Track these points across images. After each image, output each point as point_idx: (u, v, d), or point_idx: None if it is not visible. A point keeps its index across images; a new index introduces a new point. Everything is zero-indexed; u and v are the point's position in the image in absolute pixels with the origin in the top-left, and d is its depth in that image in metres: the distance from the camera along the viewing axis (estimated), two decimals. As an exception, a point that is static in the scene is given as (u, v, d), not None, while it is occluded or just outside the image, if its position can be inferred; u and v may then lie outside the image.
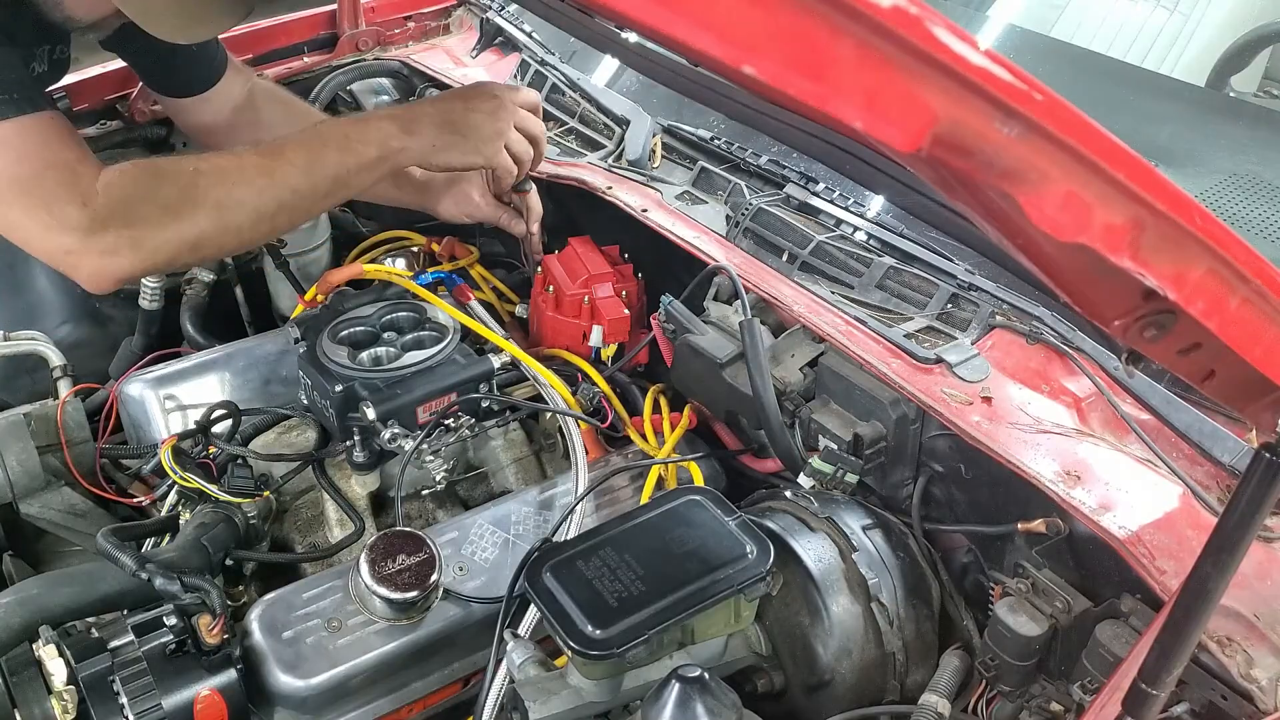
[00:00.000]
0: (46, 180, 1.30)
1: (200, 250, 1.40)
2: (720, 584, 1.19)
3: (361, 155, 1.46)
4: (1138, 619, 1.11)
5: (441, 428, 1.56)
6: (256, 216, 1.40)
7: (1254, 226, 1.73)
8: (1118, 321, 0.71)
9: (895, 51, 0.52)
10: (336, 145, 1.46)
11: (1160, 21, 2.66)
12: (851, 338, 1.41)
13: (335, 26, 2.33)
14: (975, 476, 1.34)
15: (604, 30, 1.98)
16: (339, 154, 1.45)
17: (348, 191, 1.51)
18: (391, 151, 1.49)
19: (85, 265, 1.33)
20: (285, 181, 1.41)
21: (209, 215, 1.37)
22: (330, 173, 1.45)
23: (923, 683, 1.27)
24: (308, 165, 1.43)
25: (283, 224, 1.46)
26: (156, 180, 1.37)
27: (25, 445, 1.55)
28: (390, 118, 1.52)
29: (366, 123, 1.51)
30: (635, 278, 1.81)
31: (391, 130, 1.49)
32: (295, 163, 1.42)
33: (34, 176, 1.30)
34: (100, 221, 1.31)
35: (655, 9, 0.53)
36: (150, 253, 1.35)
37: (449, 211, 1.82)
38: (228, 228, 1.39)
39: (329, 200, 1.50)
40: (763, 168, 1.79)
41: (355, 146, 1.46)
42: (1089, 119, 0.57)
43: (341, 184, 1.47)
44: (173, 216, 1.35)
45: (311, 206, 1.49)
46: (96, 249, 1.32)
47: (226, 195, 1.38)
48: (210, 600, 1.23)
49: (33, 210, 1.30)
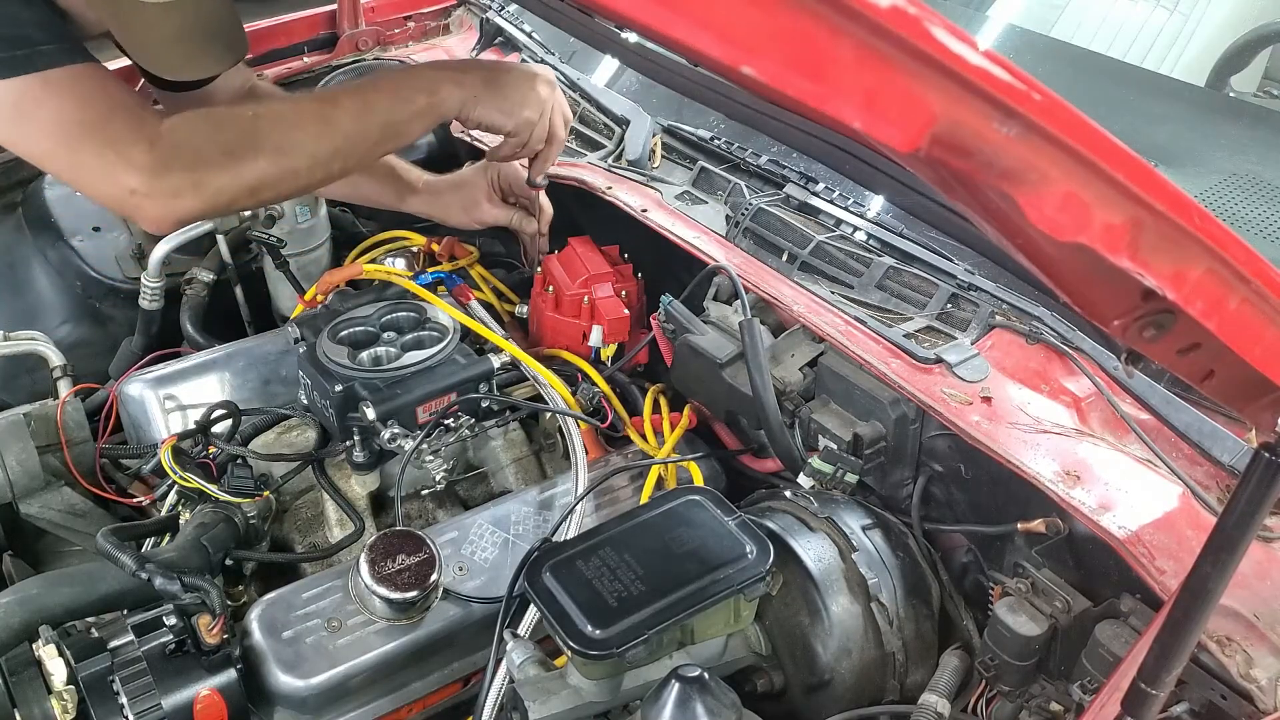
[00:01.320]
0: (115, 121, 1.32)
1: (259, 194, 1.42)
2: (720, 584, 1.19)
3: (411, 102, 1.49)
4: (1137, 619, 1.11)
5: (441, 428, 1.56)
6: (313, 160, 1.43)
7: (1254, 226, 1.73)
8: (1117, 321, 0.71)
9: (894, 51, 0.52)
10: (388, 93, 1.49)
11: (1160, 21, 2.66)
12: (851, 338, 1.41)
13: (335, 26, 2.33)
14: (975, 476, 1.34)
15: (604, 30, 1.98)
16: (390, 100, 1.48)
17: (399, 139, 1.53)
18: (439, 99, 1.51)
19: (150, 206, 1.35)
20: (340, 127, 1.44)
21: (269, 158, 1.39)
22: (381, 119, 1.48)
23: (922, 683, 1.27)
24: (360, 111, 1.46)
25: (337, 169, 1.48)
26: (218, 125, 1.39)
27: (25, 445, 1.55)
28: (441, 66, 1.57)
29: (418, 71, 1.56)
30: (635, 278, 1.81)
31: (439, 77, 1.52)
32: (349, 109, 1.45)
33: (101, 119, 1.31)
34: (165, 163, 1.33)
35: (655, 9, 0.53)
36: (213, 194, 1.37)
37: (459, 219, 1.84)
38: (286, 171, 1.42)
39: (381, 147, 1.53)
40: (763, 168, 1.79)
41: (405, 93, 1.49)
42: (1088, 119, 0.57)
43: (393, 131, 1.50)
44: (234, 159, 1.37)
45: (366, 153, 1.51)
46: (162, 190, 1.33)
47: (285, 139, 1.41)
48: (210, 600, 1.23)
49: (101, 151, 1.32)
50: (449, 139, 2.15)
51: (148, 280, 1.96)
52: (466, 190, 1.82)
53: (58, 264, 2.06)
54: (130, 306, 2.01)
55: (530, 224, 1.80)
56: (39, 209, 2.08)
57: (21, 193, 2.12)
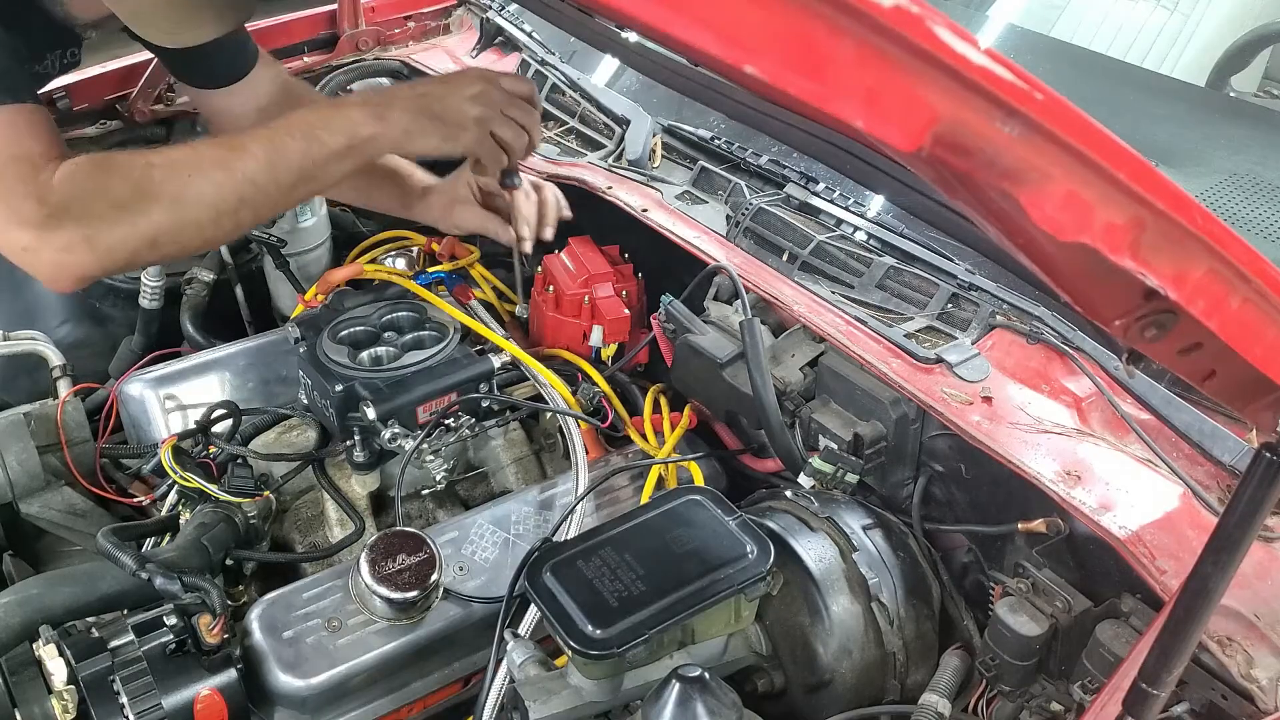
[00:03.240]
0: (7, 174, 1.25)
1: (160, 248, 1.33)
2: (720, 584, 1.19)
3: (328, 145, 1.38)
4: (1138, 619, 1.11)
5: (441, 427, 1.56)
6: (216, 211, 1.33)
7: (1254, 226, 1.73)
8: (1118, 321, 0.70)
9: (896, 51, 0.52)
10: (301, 135, 1.38)
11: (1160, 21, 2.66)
12: (852, 338, 1.41)
13: (335, 26, 2.33)
14: (975, 476, 1.34)
15: (604, 30, 1.98)
16: (303, 143, 1.37)
17: (316, 184, 1.43)
18: (361, 140, 1.40)
19: (42, 263, 1.28)
20: (244, 174, 1.34)
21: (164, 210, 1.30)
22: (294, 164, 1.37)
23: (923, 682, 1.27)
24: (269, 157, 1.35)
25: (247, 219, 1.39)
26: (108, 175, 1.30)
27: (25, 445, 1.55)
28: (361, 104, 1.44)
29: (335, 110, 1.43)
30: (635, 278, 1.81)
31: (360, 118, 1.40)
32: (255, 155, 1.35)
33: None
34: (54, 218, 1.25)
35: (656, 8, 0.53)
36: (106, 251, 1.29)
37: (436, 220, 1.77)
38: (186, 223, 1.32)
39: (296, 193, 1.42)
40: (763, 167, 1.79)
41: (320, 135, 1.38)
42: (1090, 119, 0.57)
43: (307, 176, 1.39)
44: (126, 213, 1.29)
45: (277, 200, 1.40)
46: (52, 246, 1.26)
47: (182, 189, 1.31)
48: (210, 600, 1.23)
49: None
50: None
51: (147, 280, 1.96)
52: (446, 194, 1.74)
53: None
54: (130, 306, 2.01)
55: (506, 231, 1.69)
56: (39, 209, 2.08)
57: (21, 192, 2.12)
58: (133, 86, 2.07)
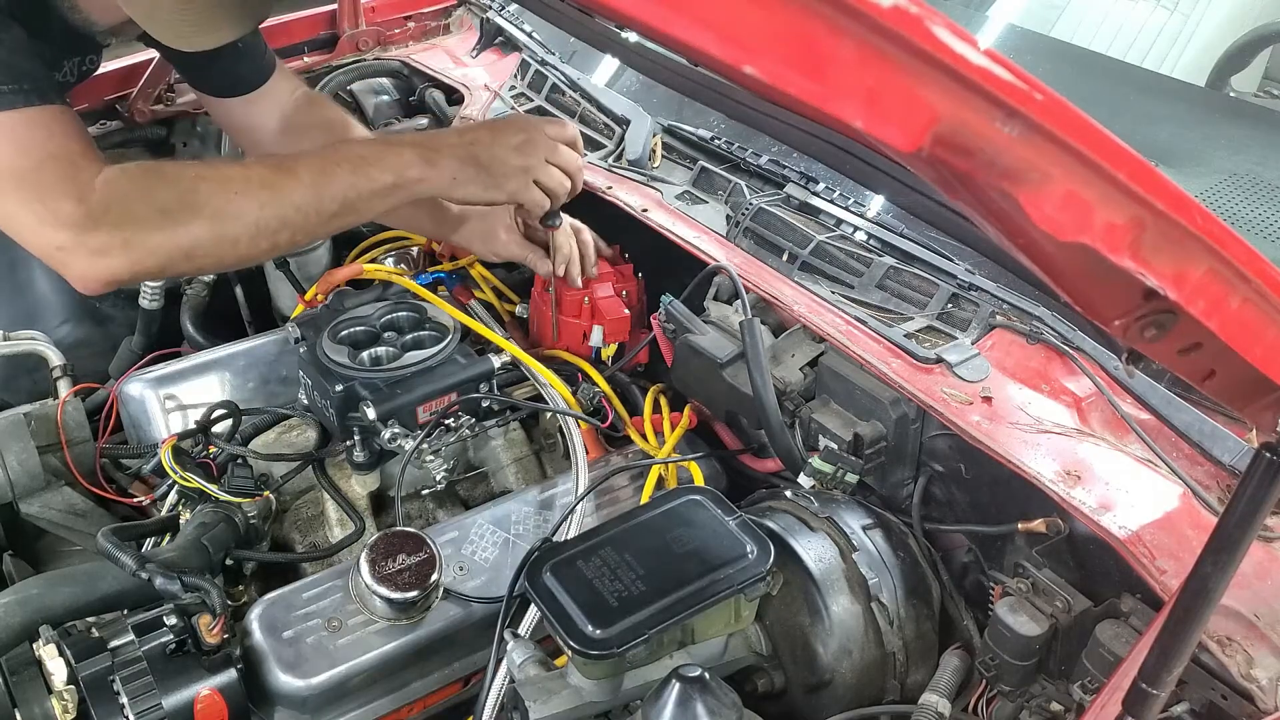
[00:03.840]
0: (45, 173, 1.26)
1: (195, 260, 1.35)
2: (720, 584, 1.19)
3: (375, 180, 1.41)
4: (1138, 619, 1.11)
5: (441, 427, 1.56)
6: (256, 230, 1.35)
7: (1254, 226, 1.73)
8: (1118, 321, 0.70)
9: (896, 51, 0.52)
10: (350, 167, 1.41)
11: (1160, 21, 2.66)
12: (851, 337, 1.41)
13: (335, 26, 2.33)
14: (975, 476, 1.34)
15: (604, 30, 1.98)
16: (351, 176, 1.40)
17: (357, 216, 1.45)
18: (408, 181, 1.44)
19: (75, 264, 1.29)
20: (290, 198, 1.36)
21: (206, 224, 1.32)
22: (339, 193, 1.39)
23: (923, 682, 1.27)
24: (316, 184, 1.38)
25: (284, 241, 1.40)
26: (155, 182, 1.32)
27: (25, 445, 1.55)
28: (412, 145, 1.46)
29: (386, 147, 1.46)
30: (635, 278, 1.81)
31: (411, 159, 1.44)
32: (303, 180, 1.37)
33: (33, 168, 1.26)
34: (94, 219, 1.27)
35: (655, 8, 0.53)
36: (142, 256, 1.30)
37: (476, 248, 1.79)
38: (224, 238, 1.34)
39: (337, 222, 1.44)
40: (763, 167, 1.79)
41: (370, 171, 1.41)
42: (1090, 119, 0.57)
43: (350, 207, 1.42)
44: (169, 220, 1.31)
45: (318, 227, 1.43)
46: (88, 247, 1.27)
47: (226, 205, 1.33)
48: (210, 600, 1.23)
49: (28, 203, 1.26)
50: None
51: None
52: (488, 221, 1.75)
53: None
54: (130, 306, 2.02)
55: (545, 264, 1.71)
56: (39, 209, 2.08)
57: (21, 193, 2.12)
58: (133, 86, 2.07)
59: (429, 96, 2.25)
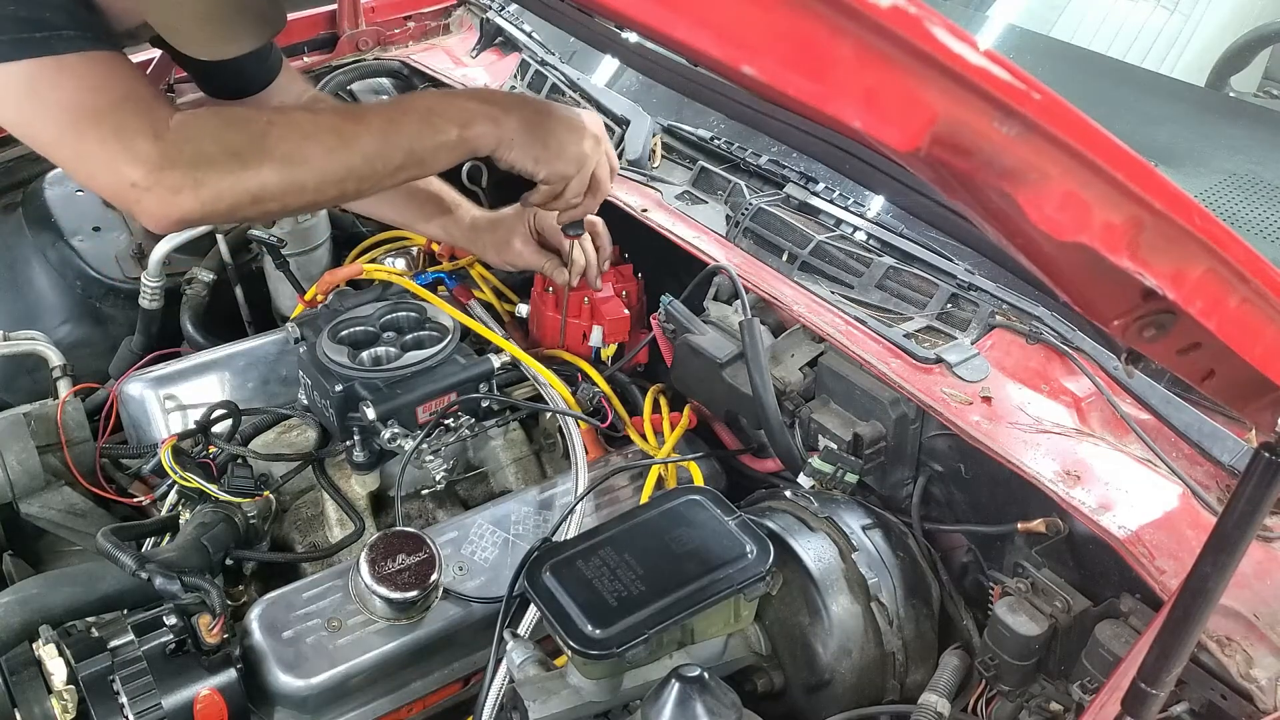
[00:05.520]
0: (124, 110, 1.26)
1: (263, 203, 1.34)
2: (720, 584, 1.19)
3: (442, 132, 1.40)
4: (1137, 619, 1.11)
5: (441, 427, 1.56)
6: (323, 177, 1.35)
7: (1253, 226, 1.73)
8: (1117, 321, 0.71)
9: (894, 51, 0.52)
10: (418, 117, 1.40)
11: (1160, 21, 2.66)
12: (851, 338, 1.41)
13: (335, 26, 2.33)
14: (975, 476, 1.34)
15: (604, 30, 1.98)
16: (418, 126, 1.39)
17: (422, 168, 1.45)
18: (472, 135, 1.42)
19: (149, 201, 1.29)
20: (358, 146, 1.36)
21: (275, 168, 1.32)
22: (406, 144, 1.39)
23: (922, 682, 1.27)
24: (384, 133, 1.37)
25: (351, 190, 1.40)
26: (228, 125, 1.33)
27: (25, 445, 1.55)
28: (483, 98, 1.46)
29: (453, 100, 1.45)
30: (635, 278, 1.81)
31: (476, 112, 1.42)
32: (372, 128, 1.37)
33: (111, 106, 1.26)
34: (169, 158, 1.26)
35: (655, 9, 0.53)
36: (213, 197, 1.30)
37: (491, 257, 1.77)
38: (293, 184, 1.34)
39: (402, 174, 1.43)
40: (763, 168, 1.79)
41: (436, 122, 1.40)
42: (1088, 119, 0.57)
43: (416, 159, 1.41)
44: (239, 163, 1.31)
45: (384, 177, 1.41)
46: (162, 185, 1.27)
47: (296, 150, 1.33)
48: (210, 600, 1.23)
49: (106, 140, 1.26)
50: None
51: (148, 280, 1.96)
52: (502, 229, 1.73)
53: (58, 264, 2.06)
54: (130, 306, 2.01)
55: (561, 274, 1.70)
56: (39, 209, 2.08)
57: (21, 193, 2.12)
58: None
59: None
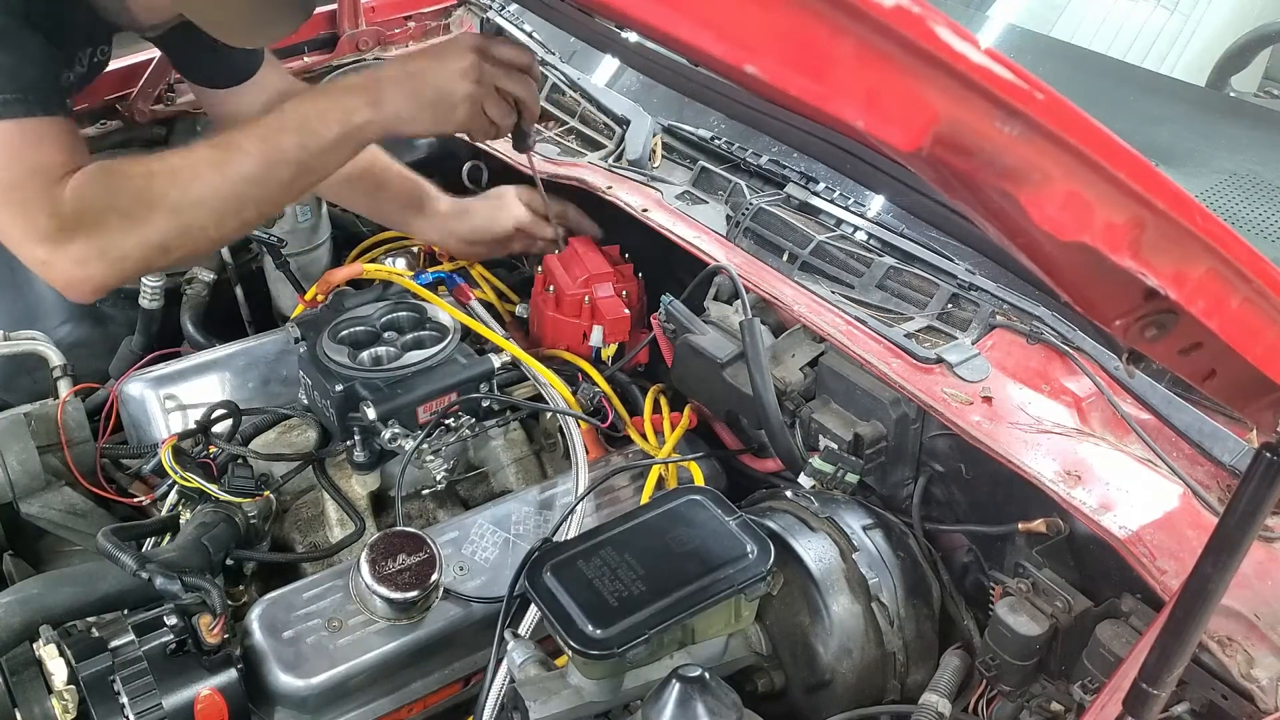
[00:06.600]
0: (27, 187, 1.26)
1: (172, 253, 1.34)
2: (721, 584, 1.19)
3: (323, 136, 1.36)
4: (1138, 619, 1.11)
5: (442, 427, 1.56)
6: (218, 214, 1.33)
7: (1254, 226, 1.73)
8: (1119, 321, 0.70)
9: (896, 50, 0.52)
10: (295, 129, 1.36)
11: (1160, 21, 2.66)
12: (852, 337, 1.41)
13: (335, 26, 2.32)
14: (976, 476, 1.34)
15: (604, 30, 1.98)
16: (298, 137, 1.35)
17: (315, 175, 1.41)
18: (354, 128, 1.38)
19: (59, 275, 1.30)
20: (241, 174, 1.33)
21: (167, 218, 1.30)
22: (291, 158, 1.35)
23: (923, 682, 1.27)
24: (265, 155, 1.34)
25: (251, 217, 1.38)
26: (113, 183, 1.31)
27: (25, 445, 1.55)
28: (355, 90, 1.40)
29: (328, 99, 1.40)
30: (635, 278, 1.81)
31: (355, 104, 1.38)
32: (250, 153, 1.34)
33: (16, 182, 1.26)
34: (67, 232, 1.27)
35: (656, 8, 0.53)
36: (118, 261, 1.30)
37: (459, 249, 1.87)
38: (190, 228, 1.33)
39: (296, 187, 1.40)
40: (763, 167, 1.79)
41: (315, 127, 1.36)
42: (1090, 118, 0.57)
43: (306, 169, 1.37)
44: (132, 222, 1.29)
45: (278, 196, 1.39)
46: (68, 258, 1.28)
47: (182, 196, 1.31)
48: (210, 600, 1.23)
49: (14, 217, 1.28)
50: (451, 138, 2.15)
51: (147, 280, 1.96)
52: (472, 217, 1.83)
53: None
54: (130, 306, 2.01)
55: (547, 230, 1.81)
56: (39, 209, 2.08)
57: (21, 193, 2.12)
58: (133, 87, 2.07)
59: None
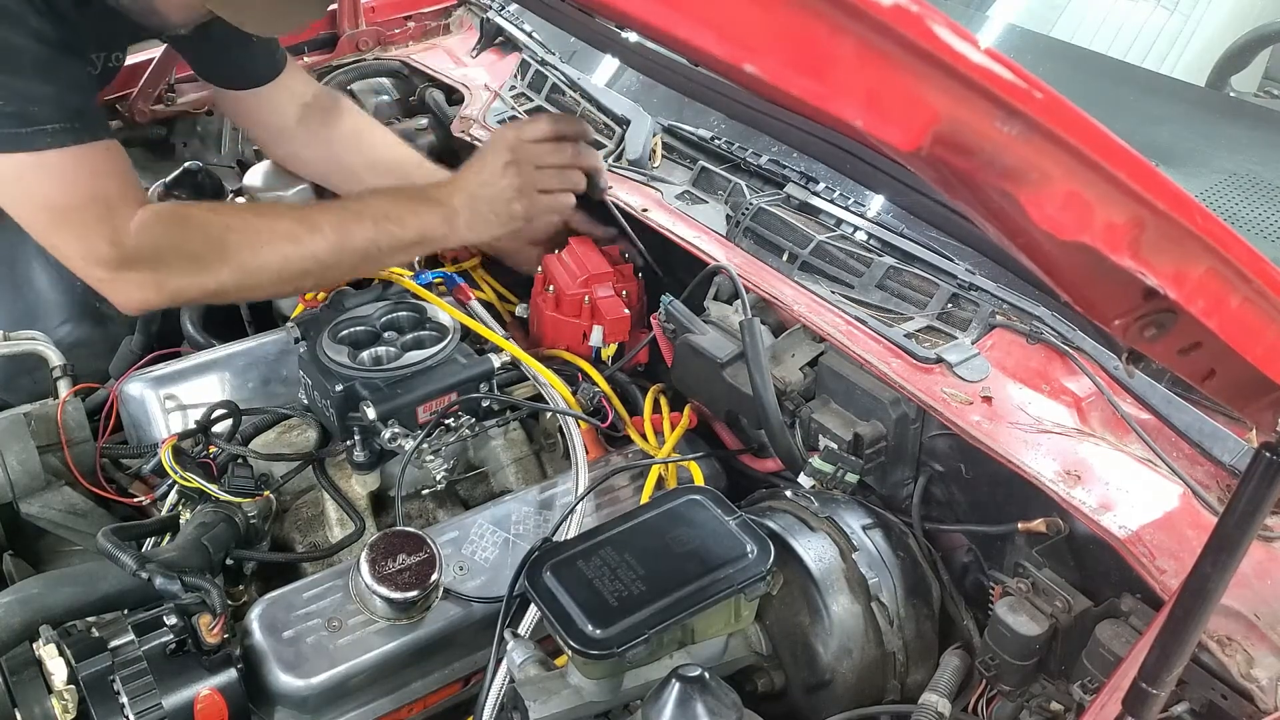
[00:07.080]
0: (86, 214, 1.38)
1: (220, 297, 1.51)
2: (720, 583, 1.19)
3: (397, 237, 1.53)
4: (1138, 618, 1.11)
5: (442, 427, 1.56)
6: (279, 279, 1.49)
7: (1254, 226, 1.73)
8: (1118, 321, 0.71)
9: (896, 50, 0.52)
10: (372, 223, 1.52)
11: (1160, 21, 2.66)
12: (851, 337, 1.41)
13: (335, 26, 2.33)
14: (975, 476, 1.34)
15: (604, 30, 1.98)
16: (373, 232, 1.51)
17: (377, 265, 1.58)
18: (431, 239, 1.58)
19: (113, 292, 1.45)
20: (313, 251, 1.48)
21: (233, 271, 1.45)
22: (360, 248, 1.51)
23: (923, 682, 1.27)
24: (339, 239, 1.49)
25: (308, 285, 1.56)
26: (185, 229, 1.45)
27: (25, 445, 1.55)
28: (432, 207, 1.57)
29: (409, 206, 1.56)
30: (635, 278, 1.81)
31: (433, 222, 1.56)
32: (326, 235, 1.49)
33: (75, 208, 1.38)
34: (128, 261, 1.40)
35: (656, 8, 0.53)
36: (172, 294, 1.46)
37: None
38: (249, 284, 1.49)
39: (357, 271, 1.58)
40: (763, 167, 1.79)
41: (391, 229, 1.52)
42: (1090, 118, 0.57)
43: (370, 260, 1.54)
44: (198, 267, 1.44)
45: (338, 276, 1.57)
46: (125, 281, 1.42)
47: (253, 257, 1.45)
48: (210, 600, 1.23)
49: (71, 240, 1.40)
50: (449, 138, 2.15)
51: (148, 280, 1.96)
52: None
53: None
54: (130, 306, 2.01)
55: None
56: (39, 209, 2.08)
57: (21, 193, 2.12)
58: (133, 87, 2.07)
59: (429, 96, 2.25)
